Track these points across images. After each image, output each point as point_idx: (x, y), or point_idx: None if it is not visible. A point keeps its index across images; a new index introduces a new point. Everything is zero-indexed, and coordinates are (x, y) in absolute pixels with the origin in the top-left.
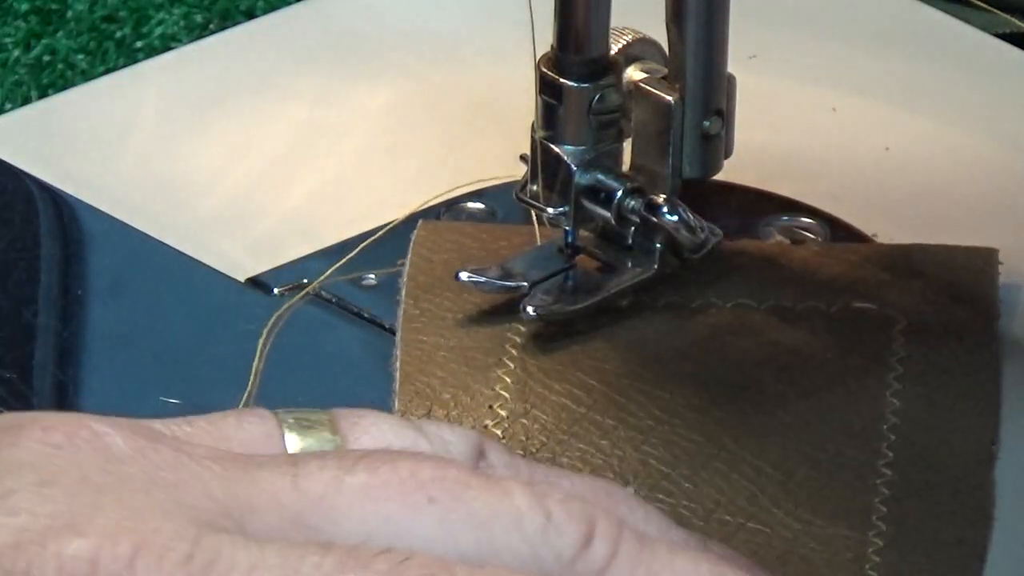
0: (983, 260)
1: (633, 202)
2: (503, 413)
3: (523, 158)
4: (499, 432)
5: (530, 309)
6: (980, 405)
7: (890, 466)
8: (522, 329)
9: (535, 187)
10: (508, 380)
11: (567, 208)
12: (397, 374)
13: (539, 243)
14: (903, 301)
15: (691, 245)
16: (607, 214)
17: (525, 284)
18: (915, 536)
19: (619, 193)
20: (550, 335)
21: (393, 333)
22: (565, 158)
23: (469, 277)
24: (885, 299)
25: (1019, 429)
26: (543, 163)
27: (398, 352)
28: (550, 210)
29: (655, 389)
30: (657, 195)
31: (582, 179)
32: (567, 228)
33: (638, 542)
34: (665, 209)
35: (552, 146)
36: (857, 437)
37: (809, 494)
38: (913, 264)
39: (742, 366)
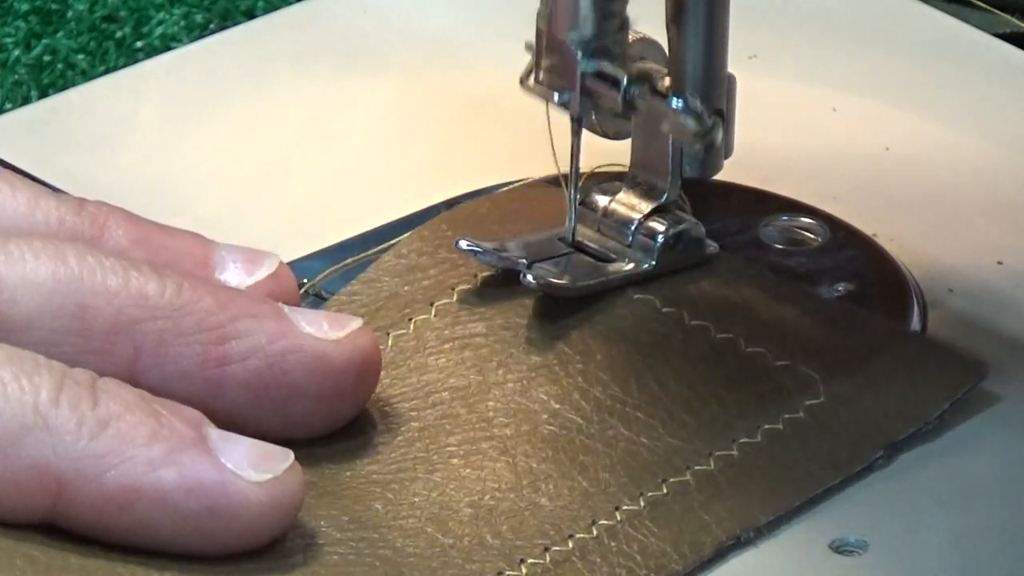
0: (961, 371)
1: (638, 89)
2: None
3: (528, 46)
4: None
5: (530, 277)
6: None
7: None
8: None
9: (540, 74)
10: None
11: (573, 92)
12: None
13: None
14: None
15: (697, 131)
16: (615, 95)
17: (524, 260)
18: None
19: (624, 80)
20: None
21: None
22: (570, 45)
23: (468, 246)
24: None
25: (1018, 428)
26: (548, 49)
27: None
28: (556, 95)
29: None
30: (663, 79)
31: (587, 66)
32: (573, 118)
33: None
34: (671, 96)
35: (557, 33)
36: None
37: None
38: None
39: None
